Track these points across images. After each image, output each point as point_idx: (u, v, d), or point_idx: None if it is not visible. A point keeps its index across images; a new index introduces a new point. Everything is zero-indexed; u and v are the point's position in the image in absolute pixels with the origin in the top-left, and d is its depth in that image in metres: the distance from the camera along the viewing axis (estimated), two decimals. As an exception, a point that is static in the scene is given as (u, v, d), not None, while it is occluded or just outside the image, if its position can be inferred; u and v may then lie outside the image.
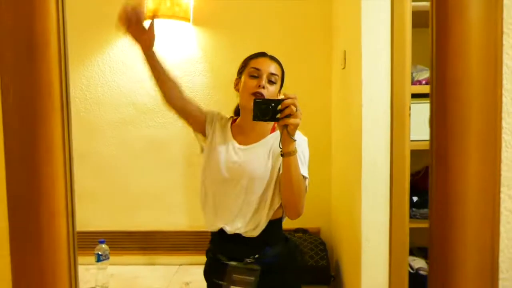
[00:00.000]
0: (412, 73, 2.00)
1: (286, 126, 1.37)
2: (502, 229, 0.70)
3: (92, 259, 2.36)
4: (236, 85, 1.64)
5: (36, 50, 0.70)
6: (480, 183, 0.67)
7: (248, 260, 1.52)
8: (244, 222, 1.53)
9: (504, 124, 0.68)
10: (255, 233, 1.52)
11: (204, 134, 1.64)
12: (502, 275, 0.71)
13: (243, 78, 1.58)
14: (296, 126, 1.37)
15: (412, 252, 2.22)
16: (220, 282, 1.53)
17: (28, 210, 0.71)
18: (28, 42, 0.70)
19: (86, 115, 2.71)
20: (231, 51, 2.61)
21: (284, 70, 1.64)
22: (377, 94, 1.80)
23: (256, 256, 1.52)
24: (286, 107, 1.35)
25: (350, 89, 2.07)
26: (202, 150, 1.66)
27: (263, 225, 1.53)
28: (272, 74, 1.55)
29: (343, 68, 2.21)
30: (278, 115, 1.36)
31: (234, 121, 1.68)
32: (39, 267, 0.73)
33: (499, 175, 0.68)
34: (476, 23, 0.65)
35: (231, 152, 1.57)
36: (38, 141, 0.71)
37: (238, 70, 1.64)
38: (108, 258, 2.39)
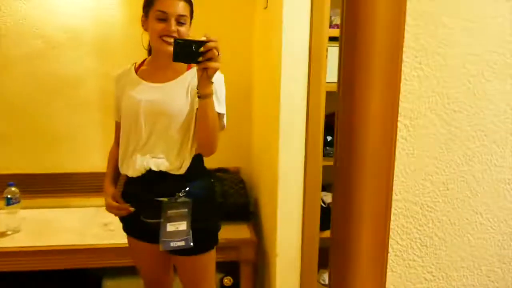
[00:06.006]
0: (330, 17, 2.04)
1: (205, 69, 1.35)
2: (397, 155, 0.77)
3: (1, 203, 2.24)
4: (143, 23, 1.56)
5: None
6: (381, 112, 0.72)
7: (180, 194, 1.53)
8: (169, 160, 1.53)
9: (404, 58, 0.73)
10: (182, 171, 1.54)
11: None
12: (395, 196, 0.79)
13: (150, 20, 1.51)
14: (216, 70, 1.37)
15: (324, 188, 2.38)
16: (151, 220, 1.55)
17: None
18: None
19: (-14, 48, 2.45)
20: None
21: (205, 8, 1.58)
22: (297, 35, 1.83)
23: (187, 189, 1.54)
24: (208, 50, 1.33)
25: (271, 29, 2.07)
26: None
27: (188, 161, 1.54)
28: (181, 15, 1.49)
29: (265, 7, 2.19)
30: (200, 58, 1.34)
31: (141, 64, 1.64)
32: None
33: (398, 105, 0.74)
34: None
35: (145, 92, 1.54)
36: None
37: (143, 7, 1.55)
38: (19, 201, 2.28)
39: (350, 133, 0.73)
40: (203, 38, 1.34)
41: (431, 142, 0.78)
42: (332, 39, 1.97)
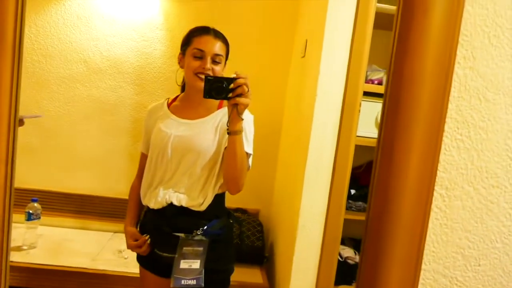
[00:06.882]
0: (366, 72, 2.07)
1: (236, 105, 1.38)
2: (430, 224, 0.76)
3: (22, 217, 2.27)
4: (180, 61, 1.62)
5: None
6: (418, 180, 0.71)
7: (198, 232, 1.53)
8: (191, 196, 1.54)
9: (446, 128, 0.73)
10: (202, 208, 1.54)
11: None
12: (424, 266, 0.77)
13: (186, 57, 1.56)
14: (246, 106, 1.39)
15: (343, 241, 2.33)
16: (167, 254, 1.54)
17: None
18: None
19: (31, 66, 2.56)
20: (194, 21, 2.56)
21: (245, 50, 1.63)
22: (332, 86, 1.85)
23: (205, 227, 1.54)
24: (238, 86, 1.36)
25: (307, 78, 2.10)
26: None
27: (209, 199, 1.54)
28: (217, 55, 1.53)
29: (303, 56, 2.24)
30: (230, 94, 1.36)
31: (174, 99, 1.67)
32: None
33: (435, 174, 0.73)
34: (436, 30, 0.69)
35: (175, 127, 1.57)
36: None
37: (181, 45, 1.61)
38: (39, 217, 2.31)
39: (385, 196, 0.72)
40: (233, 75, 1.37)
41: (466, 214, 0.77)
42: (366, 93, 1.98)
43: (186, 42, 1.58)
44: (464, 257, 0.78)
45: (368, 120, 2.12)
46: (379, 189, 0.72)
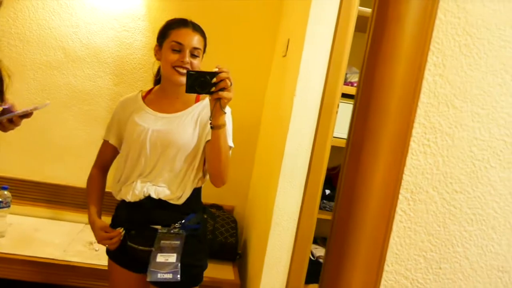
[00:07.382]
0: (346, 74, 2.09)
1: (218, 99, 1.37)
2: (394, 227, 0.77)
3: (-9, 204, 2.22)
4: (156, 53, 1.59)
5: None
6: (385, 182, 0.73)
7: (176, 225, 1.52)
8: (170, 190, 1.53)
9: (414, 133, 0.75)
10: (180, 201, 1.53)
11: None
12: (387, 267, 0.78)
13: (164, 50, 1.53)
14: (229, 100, 1.38)
15: (315, 241, 2.35)
16: (143, 247, 1.53)
17: None
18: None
19: (7, 50, 2.50)
20: (177, 14, 2.54)
21: (227, 46, 1.62)
22: (311, 86, 1.86)
23: (182, 221, 1.53)
24: (221, 80, 1.35)
25: (287, 77, 2.11)
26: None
27: (188, 192, 1.53)
28: (195, 48, 1.52)
29: (284, 55, 2.24)
30: (213, 88, 1.36)
31: (148, 92, 1.65)
32: None
33: (401, 178, 0.75)
34: (408, 36, 0.70)
35: (153, 121, 1.55)
36: None
37: (158, 38, 1.58)
38: (9, 206, 2.26)
39: (351, 197, 0.73)
40: (215, 69, 1.36)
41: (429, 218, 0.78)
42: (344, 95, 2.00)
43: (163, 34, 1.56)
44: (426, 260, 0.80)
45: (345, 122, 2.14)
46: (346, 190, 0.73)
